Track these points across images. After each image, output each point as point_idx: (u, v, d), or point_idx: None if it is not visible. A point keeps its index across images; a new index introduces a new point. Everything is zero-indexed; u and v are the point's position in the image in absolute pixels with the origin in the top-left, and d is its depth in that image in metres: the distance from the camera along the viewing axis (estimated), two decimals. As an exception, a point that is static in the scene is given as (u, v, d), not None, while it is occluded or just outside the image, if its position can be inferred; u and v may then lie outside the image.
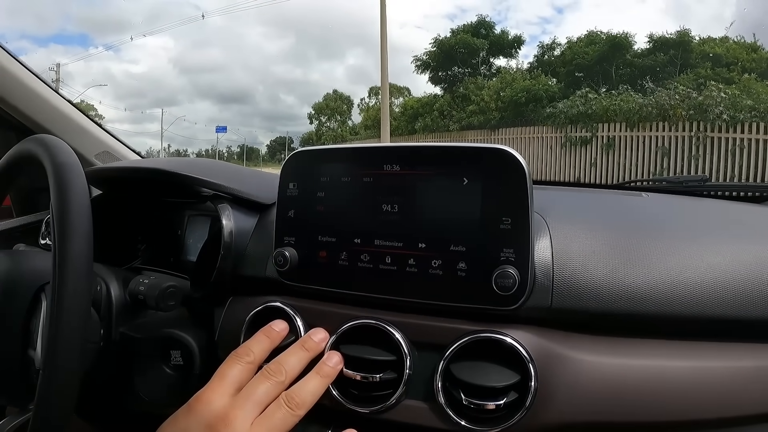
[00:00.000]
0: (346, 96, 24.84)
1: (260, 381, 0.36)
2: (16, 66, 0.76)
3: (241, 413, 0.34)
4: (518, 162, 0.37)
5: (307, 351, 0.39)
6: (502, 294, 0.37)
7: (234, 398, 0.35)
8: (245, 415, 0.34)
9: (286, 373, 0.37)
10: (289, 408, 0.35)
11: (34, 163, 0.43)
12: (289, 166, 0.45)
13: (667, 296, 0.38)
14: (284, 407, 0.35)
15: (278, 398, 0.35)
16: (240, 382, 0.36)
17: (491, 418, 0.36)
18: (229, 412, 0.34)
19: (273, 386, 0.36)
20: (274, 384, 0.36)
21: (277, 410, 0.35)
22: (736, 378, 0.37)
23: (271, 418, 0.34)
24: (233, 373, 0.36)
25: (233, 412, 0.34)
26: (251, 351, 0.38)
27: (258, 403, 0.35)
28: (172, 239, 0.69)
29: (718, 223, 0.53)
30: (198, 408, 0.34)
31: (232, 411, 0.34)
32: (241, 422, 0.33)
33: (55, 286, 0.36)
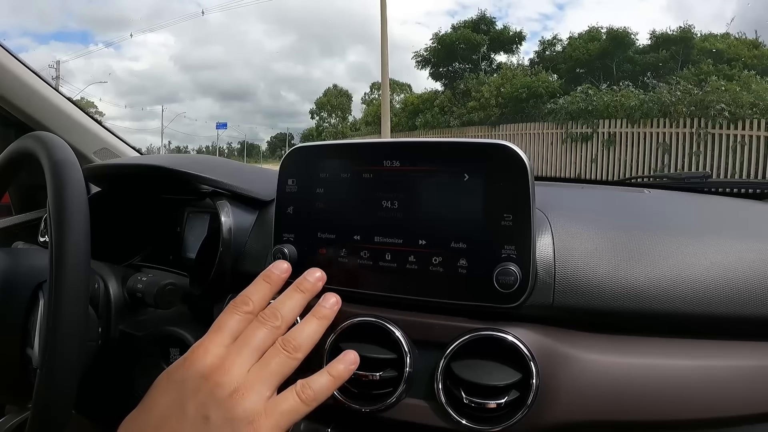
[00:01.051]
0: (346, 91, 24.82)
1: (256, 327, 0.35)
2: (15, 63, 0.75)
3: (238, 360, 0.33)
4: (520, 157, 0.37)
5: (302, 293, 0.38)
6: (504, 291, 0.36)
7: (230, 346, 0.34)
8: (242, 361, 0.33)
9: (282, 318, 0.36)
10: (286, 352, 0.34)
11: (31, 161, 0.43)
12: (288, 162, 0.44)
13: (670, 294, 0.38)
14: (282, 352, 0.34)
15: (275, 343, 0.35)
16: (238, 332, 0.35)
17: (492, 416, 0.36)
18: (225, 359, 0.33)
19: (269, 332, 0.35)
20: (270, 329, 0.35)
21: (275, 356, 0.34)
22: (739, 376, 0.37)
23: (268, 363, 0.33)
24: (231, 323, 0.35)
25: (230, 359, 0.33)
26: (250, 300, 0.36)
27: (255, 349, 0.34)
28: (171, 236, 0.69)
29: (720, 220, 0.52)
30: (193, 359, 0.33)
31: (228, 358, 0.33)
32: (238, 369, 0.33)
33: (52, 283, 0.35)
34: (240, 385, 0.32)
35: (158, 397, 0.33)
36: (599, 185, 0.96)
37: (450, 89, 13.77)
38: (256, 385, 0.32)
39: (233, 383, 0.32)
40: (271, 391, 0.33)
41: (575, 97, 8.04)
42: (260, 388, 0.32)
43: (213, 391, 0.31)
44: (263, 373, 0.33)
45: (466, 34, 14.49)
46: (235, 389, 0.32)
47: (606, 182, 0.97)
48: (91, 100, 23.02)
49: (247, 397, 0.32)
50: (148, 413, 0.33)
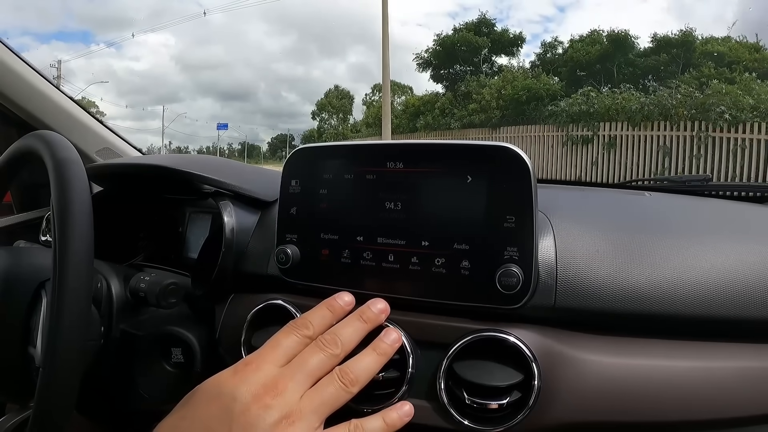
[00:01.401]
0: (348, 92, 24.86)
1: (313, 352, 0.34)
2: (18, 62, 0.75)
3: (291, 384, 0.31)
4: (522, 160, 0.37)
5: (364, 323, 0.36)
6: (506, 293, 0.36)
7: (284, 368, 0.32)
8: (295, 386, 0.31)
9: (342, 346, 0.34)
10: (342, 384, 0.33)
11: (34, 159, 0.43)
12: (291, 163, 0.45)
13: (671, 296, 0.38)
14: (337, 382, 0.33)
15: (331, 372, 0.33)
16: (293, 354, 0.33)
17: (494, 417, 0.36)
18: (278, 380, 0.31)
19: (327, 358, 0.33)
20: (328, 356, 0.33)
21: (330, 384, 0.32)
22: (740, 378, 0.37)
23: (322, 392, 0.32)
24: (288, 343, 0.34)
25: (283, 381, 0.31)
26: (310, 324, 0.35)
27: (310, 374, 0.32)
28: (173, 236, 0.69)
29: (721, 222, 0.53)
30: (245, 373, 0.32)
31: (282, 380, 0.31)
32: (291, 393, 0.31)
33: (55, 282, 0.35)
34: (290, 412, 0.30)
35: (203, 407, 0.31)
36: (600, 188, 0.96)
37: (451, 91, 13.78)
38: (306, 414, 0.31)
39: (284, 408, 0.30)
40: (320, 422, 0.31)
41: (576, 100, 8.04)
42: (310, 418, 0.31)
43: (262, 414, 0.30)
44: (315, 401, 0.32)
45: (467, 36, 14.52)
46: (285, 415, 0.30)
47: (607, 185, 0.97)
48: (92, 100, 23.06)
49: (296, 425, 0.30)
50: (189, 423, 0.31)
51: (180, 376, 0.52)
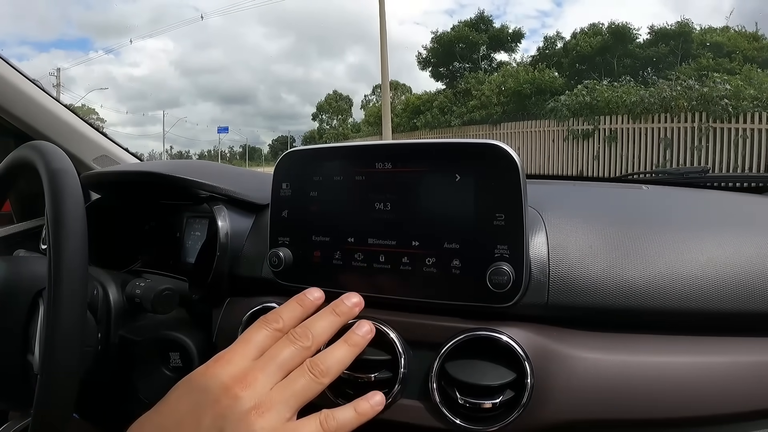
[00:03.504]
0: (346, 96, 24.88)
1: (284, 345, 0.34)
2: (12, 73, 0.76)
3: (261, 376, 0.32)
4: (510, 157, 0.37)
5: (338, 316, 0.36)
6: (497, 291, 0.36)
7: (255, 361, 0.33)
8: (266, 378, 0.32)
9: (313, 339, 0.34)
10: (312, 375, 0.33)
11: (29, 170, 0.44)
12: (281, 167, 0.45)
13: (667, 291, 0.38)
14: (308, 374, 0.33)
15: (302, 365, 0.33)
16: (264, 347, 0.34)
17: (487, 416, 0.36)
18: (248, 372, 0.32)
19: (298, 351, 0.34)
20: (299, 349, 0.34)
21: (300, 377, 0.33)
22: (737, 373, 0.36)
23: (293, 384, 0.32)
24: (258, 338, 0.34)
25: (253, 373, 0.32)
26: (281, 318, 0.35)
27: (281, 367, 0.33)
28: (170, 242, 0.70)
29: (719, 214, 0.52)
30: (216, 367, 0.32)
31: (252, 372, 0.32)
32: (262, 384, 0.31)
33: (50, 291, 0.36)
34: (260, 402, 0.31)
35: (175, 403, 0.32)
36: (596, 182, 0.96)
37: (451, 89, 13.77)
38: (277, 405, 0.31)
39: (254, 399, 0.31)
40: (291, 413, 0.32)
41: (580, 91, 8.01)
42: (281, 409, 0.31)
43: (232, 404, 0.30)
44: (286, 393, 0.32)
45: (465, 32, 14.50)
46: (255, 405, 0.30)
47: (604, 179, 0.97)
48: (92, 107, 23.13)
49: (266, 415, 0.30)
50: (163, 417, 0.32)
51: (179, 380, 0.52)
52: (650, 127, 6.84)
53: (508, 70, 12.28)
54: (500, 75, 12.15)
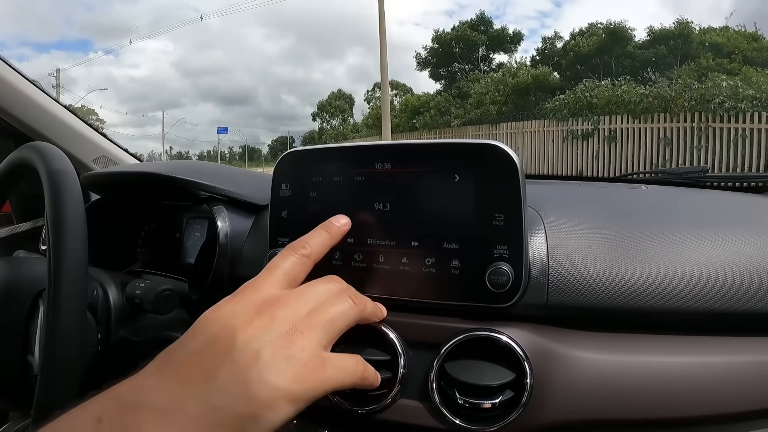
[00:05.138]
0: (348, 95, 24.90)
1: (325, 282, 0.34)
2: (12, 74, 0.76)
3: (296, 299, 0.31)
4: (510, 157, 0.37)
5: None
6: (496, 291, 0.36)
7: (289, 290, 0.32)
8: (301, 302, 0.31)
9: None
10: (352, 302, 0.33)
11: (29, 170, 0.44)
12: (281, 167, 0.45)
13: (666, 290, 0.38)
14: (348, 300, 0.33)
15: (341, 292, 0.34)
16: (292, 274, 0.33)
17: (487, 416, 0.36)
18: (281, 297, 0.31)
19: (337, 288, 0.34)
20: (340, 288, 0.34)
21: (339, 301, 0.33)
22: (737, 373, 0.36)
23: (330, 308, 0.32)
24: (286, 264, 0.33)
25: (286, 298, 0.31)
26: (308, 244, 0.35)
27: (317, 298, 0.32)
28: (170, 242, 0.70)
29: (718, 214, 0.52)
30: (244, 293, 0.31)
31: (285, 297, 0.31)
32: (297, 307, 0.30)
33: (50, 292, 0.36)
34: (297, 324, 0.29)
35: (201, 329, 0.29)
36: (596, 182, 0.96)
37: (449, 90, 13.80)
38: (315, 328, 0.30)
39: (290, 320, 0.29)
40: (328, 339, 0.30)
41: (580, 90, 8.01)
42: (319, 332, 0.30)
43: (268, 324, 0.28)
44: (323, 315, 0.31)
45: (465, 32, 14.52)
46: (292, 326, 0.29)
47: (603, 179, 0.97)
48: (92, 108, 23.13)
49: (305, 336, 0.29)
50: (189, 343, 0.28)
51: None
52: (650, 127, 6.84)
53: (509, 70, 12.30)
54: (501, 74, 12.17)
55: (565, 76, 12.21)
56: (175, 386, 0.26)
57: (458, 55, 14.76)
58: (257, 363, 0.27)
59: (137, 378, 0.28)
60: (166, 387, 0.26)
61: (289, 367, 0.28)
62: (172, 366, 0.27)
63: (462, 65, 14.83)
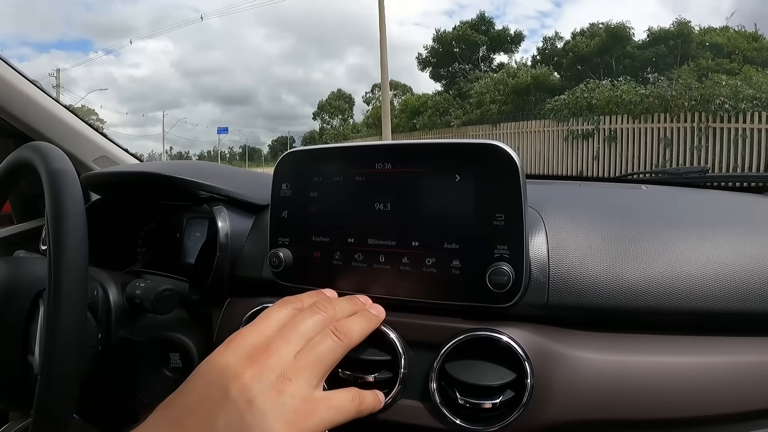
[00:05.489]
0: (348, 95, 24.92)
1: (307, 315, 0.34)
2: (12, 74, 0.76)
3: (284, 344, 0.31)
4: (510, 157, 0.37)
5: (354, 303, 0.38)
6: (497, 291, 0.36)
7: (276, 332, 0.32)
8: (289, 346, 0.31)
9: (336, 310, 0.35)
10: (336, 337, 0.33)
11: (29, 170, 0.44)
12: (281, 167, 0.45)
13: (667, 290, 0.38)
14: (331, 336, 0.33)
15: (325, 328, 0.33)
16: (284, 323, 0.33)
17: (487, 417, 0.36)
18: (270, 343, 0.31)
19: (320, 320, 0.33)
20: (322, 318, 0.34)
21: (324, 339, 0.32)
22: (738, 373, 0.36)
23: (316, 348, 0.32)
24: (279, 315, 0.34)
25: (276, 342, 0.31)
26: (301, 300, 0.36)
27: (303, 335, 0.32)
28: (170, 242, 0.70)
29: (718, 214, 0.52)
30: (237, 342, 0.31)
31: (273, 342, 0.31)
32: (285, 353, 0.31)
33: (50, 291, 0.36)
34: (286, 370, 0.30)
35: (198, 381, 0.31)
36: (596, 182, 0.96)
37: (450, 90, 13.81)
38: (303, 371, 0.31)
39: (279, 367, 0.30)
40: (317, 379, 0.31)
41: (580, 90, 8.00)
42: (307, 375, 0.31)
43: (257, 374, 0.29)
44: (310, 357, 0.31)
45: (466, 32, 14.54)
46: (281, 373, 0.30)
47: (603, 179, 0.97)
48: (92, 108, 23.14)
49: (294, 382, 0.30)
50: (186, 396, 0.30)
51: (179, 381, 0.51)
52: (650, 127, 6.84)
53: (510, 70, 12.31)
54: (503, 74, 12.18)
55: (565, 76, 12.22)
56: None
57: (458, 55, 14.78)
58: (252, 411, 0.28)
59: (140, 429, 0.29)
60: None
61: (282, 414, 0.29)
62: (172, 419, 0.29)
63: (462, 65, 14.84)
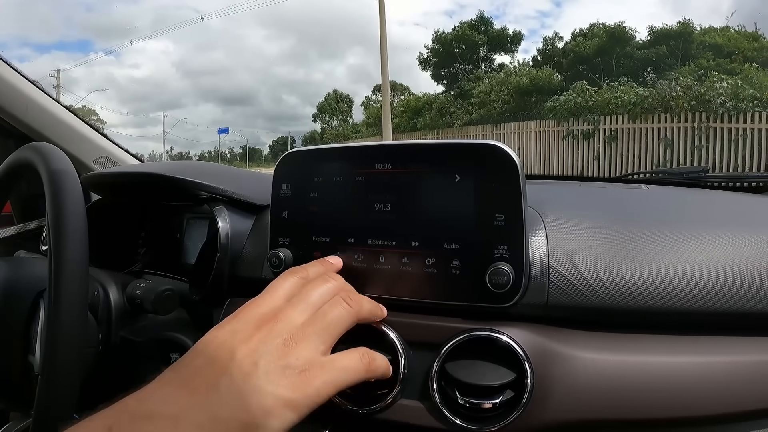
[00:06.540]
0: (347, 95, 24.94)
1: (317, 284, 0.34)
2: (13, 74, 0.76)
3: (291, 311, 0.31)
4: (510, 157, 0.37)
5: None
6: (497, 291, 0.36)
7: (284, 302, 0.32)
8: (297, 313, 0.31)
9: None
10: (346, 304, 0.33)
11: (30, 171, 0.44)
12: (281, 167, 0.45)
13: (666, 290, 0.38)
14: (341, 303, 0.33)
15: (335, 296, 0.33)
16: (292, 294, 0.33)
17: (487, 416, 0.36)
18: (278, 311, 0.31)
19: (330, 288, 0.34)
20: (332, 287, 0.34)
21: (334, 307, 0.33)
22: (738, 373, 0.36)
23: (325, 315, 0.32)
24: (286, 285, 0.34)
25: (283, 311, 0.31)
26: (306, 270, 0.36)
27: (313, 304, 0.32)
28: (171, 242, 0.70)
29: (718, 214, 0.52)
30: (244, 311, 0.32)
31: (282, 311, 0.31)
32: (293, 319, 0.31)
33: (51, 292, 0.36)
34: (293, 334, 0.30)
35: (205, 347, 0.30)
36: (596, 182, 0.96)
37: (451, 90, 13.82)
38: (310, 335, 0.31)
39: (286, 331, 0.30)
40: (325, 345, 0.31)
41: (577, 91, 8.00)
42: (315, 339, 0.31)
43: (264, 338, 0.30)
44: (318, 324, 0.31)
45: (466, 32, 14.55)
46: (288, 337, 0.30)
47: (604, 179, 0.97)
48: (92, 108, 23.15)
49: (300, 345, 0.30)
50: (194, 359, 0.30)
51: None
52: (650, 127, 6.84)
53: (509, 72, 12.32)
54: (504, 74, 12.19)
55: (565, 76, 12.22)
56: (182, 397, 0.28)
57: (459, 55, 14.79)
58: (255, 374, 0.28)
59: (145, 390, 0.29)
60: (173, 398, 0.28)
61: (286, 376, 0.29)
62: (179, 379, 0.29)
63: (463, 65, 14.84)
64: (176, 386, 0.29)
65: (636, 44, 12.73)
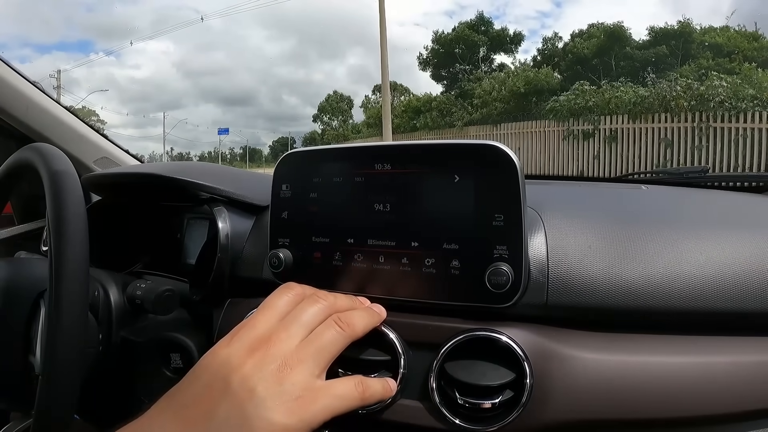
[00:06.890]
0: (347, 96, 24.96)
1: (309, 304, 0.34)
2: (13, 75, 0.76)
3: (285, 334, 0.32)
4: (509, 157, 0.37)
5: (353, 300, 0.38)
6: (496, 291, 0.36)
7: (278, 323, 0.33)
8: (290, 337, 0.32)
9: (336, 301, 0.35)
10: (339, 327, 0.33)
11: (30, 172, 0.44)
12: (281, 168, 0.45)
13: (666, 290, 0.38)
14: (334, 326, 0.33)
15: (328, 319, 0.33)
16: (286, 312, 0.34)
17: (487, 416, 0.36)
18: (272, 333, 0.32)
19: (322, 309, 0.34)
20: (324, 307, 0.34)
21: (326, 330, 0.33)
22: (738, 373, 0.36)
23: (319, 338, 0.32)
24: (280, 303, 0.34)
25: (277, 333, 0.32)
26: (300, 286, 0.36)
27: (305, 326, 0.33)
28: (171, 243, 0.70)
29: (718, 214, 0.52)
30: (239, 334, 0.32)
31: (275, 333, 0.32)
32: (287, 342, 0.31)
33: (51, 292, 0.36)
34: (287, 359, 0.31)
35: (200, 373, 0.31)
36: (596, 182, 0.96)
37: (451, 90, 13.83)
38: (304, 360, 0.31)
39: (280, 357, 0.30)
40: (320, 369, 0.32)
41: (576, 92, 8.00)
42: (309, 364, 0.31)
43: (259, 363, 0.30)
44: (312, 347, 0.32)
45: (466, 32, 14.56)
46: (282, 363, 0.30)
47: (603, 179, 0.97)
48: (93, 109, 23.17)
49: (295, 370, 0.30)
50: (189, 387, 0.31)
51: (179, 382, 0.52)
52: (650, 127, 6.84)
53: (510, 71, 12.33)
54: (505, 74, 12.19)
55: (565, 76, 12.22)
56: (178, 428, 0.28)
57: (459, 55, 14.80)
58: (252, 400, 0.29)
59: (143, 419, 0.29)
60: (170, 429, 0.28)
61: (283, 402, 0.29)
62: (175, 409, 0.30)
63: (463, 66, 14.85)
64: (172, 417, 0.29)
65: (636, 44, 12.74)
